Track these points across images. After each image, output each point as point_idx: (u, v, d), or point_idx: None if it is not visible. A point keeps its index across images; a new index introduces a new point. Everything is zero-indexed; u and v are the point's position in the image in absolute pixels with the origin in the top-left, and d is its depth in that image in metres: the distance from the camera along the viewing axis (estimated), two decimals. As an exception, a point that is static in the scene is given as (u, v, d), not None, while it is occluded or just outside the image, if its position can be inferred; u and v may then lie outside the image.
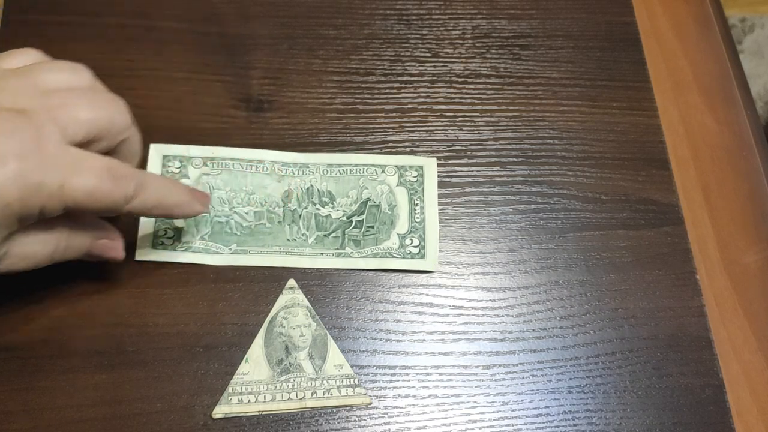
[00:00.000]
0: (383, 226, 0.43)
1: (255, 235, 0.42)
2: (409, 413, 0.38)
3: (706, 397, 0.39)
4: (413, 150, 0.45)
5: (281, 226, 0.42)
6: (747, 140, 0.48)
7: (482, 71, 0.48)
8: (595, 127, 0.47)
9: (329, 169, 0.44)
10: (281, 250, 0.41)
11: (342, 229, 0.42)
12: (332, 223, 0.42)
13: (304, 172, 0.43)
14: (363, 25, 0.49)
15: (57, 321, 0.38)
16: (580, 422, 0.39)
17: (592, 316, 0.41)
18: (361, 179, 0.44)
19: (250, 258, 0.41)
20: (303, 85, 0.46)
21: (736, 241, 0.45)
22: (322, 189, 0.43)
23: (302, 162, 0.44)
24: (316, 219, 0.42)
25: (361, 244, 0.42)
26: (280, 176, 0.43)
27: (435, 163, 0.45)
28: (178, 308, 0.39)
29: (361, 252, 0.42)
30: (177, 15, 0.47)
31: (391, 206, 0.43)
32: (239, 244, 0.41)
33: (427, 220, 0.43)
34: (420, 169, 0.44)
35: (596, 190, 0.45)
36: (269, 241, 0.42)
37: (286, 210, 0.42)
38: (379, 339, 0.40)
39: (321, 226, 0.42)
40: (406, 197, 0.43)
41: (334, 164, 0.44)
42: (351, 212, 0.43)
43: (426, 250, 0.42)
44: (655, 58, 0.50)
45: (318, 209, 0.42)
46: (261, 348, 0.39)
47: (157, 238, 0.41)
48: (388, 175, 0.44)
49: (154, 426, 0.37)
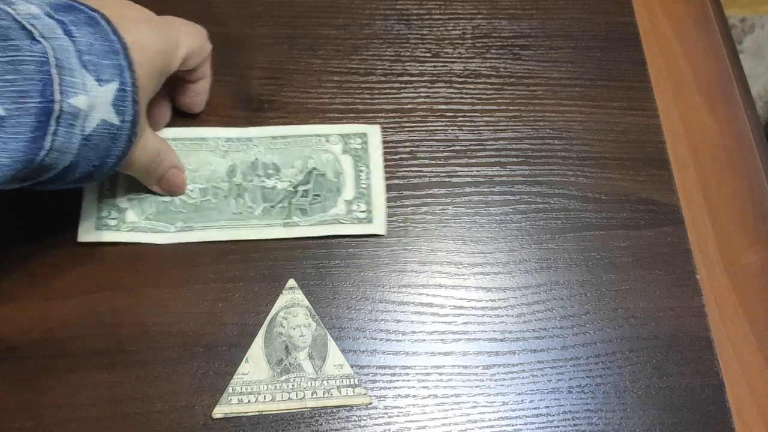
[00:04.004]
0: (330, 194, 0.43)
1: (200, 211, 0.42)
2: (409, 413, 0.38)
3: (706, 397, 0.39)
4: (413, 150, 0.45)
5: (227, 201, 0.42)
6: (747, 140, 0.48)
7: (482, 71, 0.48)
8: (595, 127, 0.47)
9: (273, 141, 0.44)
10: (227, 224, 0.41)
11: (288, 199, 0.42)
12: (278, 193, 0.42)
13: (248, 146, 0.44)
14: (363, 25, 0.49)
15: (57, 321, 0.39)
16: (580, 422, 0.39)
17: (592, 316, 0.41)
18: (306, 149, 0.44)
19: (196, 234, 0.41)
20: (303, 85, 0.46)
21: (736, 241, 0.45)
22: (267, 161, 0.43)
23: (246, 137, 0.44)
24: (262, 191, 0.42)
25: (308, 212, 0.42)
26: (224, 152, 0.43)
27: (379, 130, 0.45)
28: (178, 308, 0.39)
29: (309, 220, 0.42)
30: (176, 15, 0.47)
31: (337, 174, 0.43)
32: (185, 221, 0.41)
33: (373, 186, 0.43)
34: (364, 136, 0.44)
35: (596, 190, 0.45)
36: (215, 216, 0.42)
37: (231, 184, 0.42)
38: (379, 339, 0.40)
39: (267, 197, 0.42)
40: (351, 164, 0.44)
41: (278, 137, 0.44)
42: (297, 182, 0.43)
43: (373, 214, 0.42)
44: (655, 58, 0.50)
45: (263, 181, 0.43)
46: (261, 348, 0.39)
47: (100, 219, 0.41)
48: (333, 144, 0.44)
49: (154, 425, 0.37)
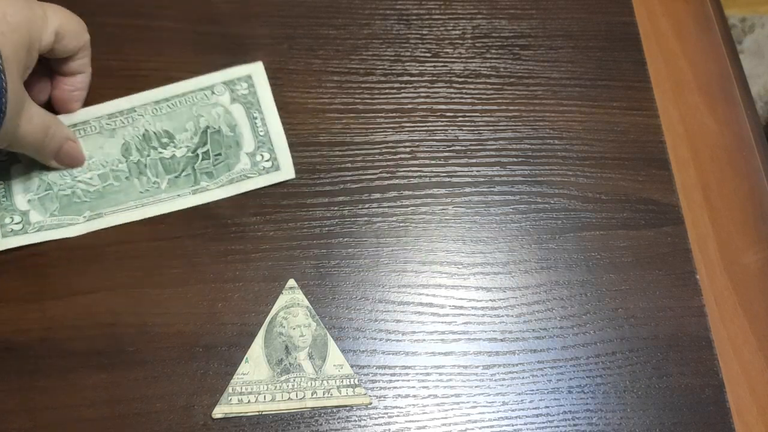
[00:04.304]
0: (230, 150, 0.42)
1: (106, 196, 0.41)
2: (409, 413, 0.38)
3: (706, 397, 0.39)
4: (413, 150, 0.45)
5: (130, 182, 0.42)
6: (747, 140, 0.48)
7: (482, 71, 0.48)
8: (595, 127, 0.47)
9: (157, 107, 0.43)
10: (136, 203, 0.41)
11: (191, 165, 0.42)
12: (179, 162, 0.42)
13: (133, 119, 0.43)
14: (363, 25, 0.49)
15: (56, 321, 0.38)
16: (580, 422, 0.39)
17: (592, 316, 0.41)
18: (194, 108, 0.43)
19: (106, 220, 0.41)
20: (303, 85, 0.46)
21: (736, 241, 0.45)
22: (158, 130, 0.42)
23: (127, 108, 0.43)
24: (162, 163, 0.42)
25: (214, 174, 0.42)
26: (111, 130, 0.42)
27: (261, 66, 0.44)
28: (178, 308, 0.39)
29: (217, 182, 0.42)
30: (177, 15, 0.47)
31: (232, 127, 0.43)
32: (92, 210, 0.41)
33: (271, 132, 0.43)
34: (249, 79, 0.44)
35: (596, 190, 0.45)
36: (122, 199, 0.41)
37: (130, 164, 0.42)
38: (379, 339, 0.40)
39: (169, 168, 0.42)
40: (243, 114, 0.43)
41: (161, 100, 0.43)
42: (194, 145, 0.42)
43: (279, 160, 0.42)
44: (655, 58, 0.50)
45: (161, 152, 0.42)
46: (261, 348, 0.39)
47: (3, 226, 0.40)
48: (219, 95, 0.43)
49: (154, 426, 0.37)
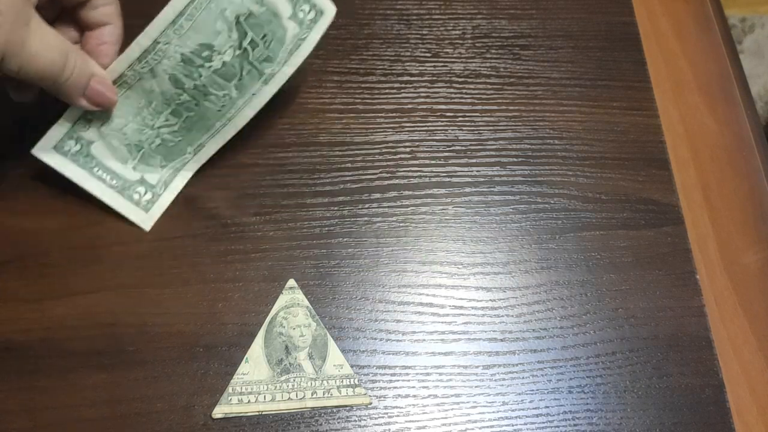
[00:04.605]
0: (272, 24, 0.39)
1: (192, 128, 0.41)
2: (409, 413, 0.38)
3: (706, 397, 0.39)
4: (413, 150, 0.45)
5: (201, 106, 0.40)
6: (747, 140, 0.48)
7: (482, 71, 0.48)
8: (595, 127, 0.47)
9: (178, 26, 0.38)
10: (222, 122, 0.41)
11: (246, 61, 0.39)
12: (233, 65, 0.39)
13: (163, 51, 0.38)
14: (363, 25, 0.49)
15: (56, 321, 0.38)
16: (580, 422, 0.38)
17: (592, 316, 0.41)
18: (212, 5, 0.38)
19: (210, 147, 0.41)
20: (303, 85, 0.46)
21: (736, 241, 0.45)
22: (193, 47, 0.38)
23: (149, 43, 0.38)
24: (218, 75, 0.39)
25: (272, 57, 0.39)
26: (149, 71, 0.39)
27: None
28: (178, 308, 0.39)
29: (279, 61, 0.40)
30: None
31: (259, 2, 0.38)
32: (190, 144, 0.41)
33: None
34: None
35: (596, 190, 0.45)
36: (208, 124, 0.41)
37: (189, 92, 0.39)
38: (379, 339, 0.40)
39: (228, 75, 0.39)
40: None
41: (177, 17, 0.38)
42: (237, 42, 0.38)
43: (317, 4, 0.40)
44: (655, 58, 0.50)
45: (210, 66, 0.39)
46: (261, 348, 0.39)
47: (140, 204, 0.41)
48: None
49: (154, 426, 0.37)
